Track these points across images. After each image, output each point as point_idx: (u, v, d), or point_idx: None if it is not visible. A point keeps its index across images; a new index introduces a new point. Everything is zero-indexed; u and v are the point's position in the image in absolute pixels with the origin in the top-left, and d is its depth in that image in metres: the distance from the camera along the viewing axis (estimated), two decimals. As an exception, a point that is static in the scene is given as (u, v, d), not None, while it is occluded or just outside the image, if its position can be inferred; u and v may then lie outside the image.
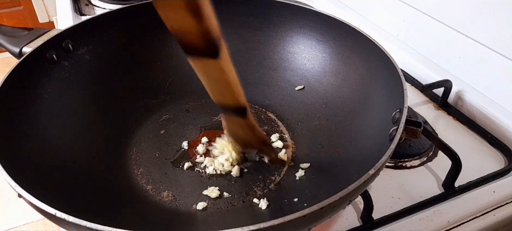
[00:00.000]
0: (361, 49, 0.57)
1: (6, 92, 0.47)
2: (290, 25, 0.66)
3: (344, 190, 0.33)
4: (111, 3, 1.00)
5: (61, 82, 0.55)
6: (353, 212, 0.51)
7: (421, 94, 0.74)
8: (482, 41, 0.67)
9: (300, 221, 0.31)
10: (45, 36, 0.56)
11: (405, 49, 0.83)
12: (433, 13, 0.76)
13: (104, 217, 0.41)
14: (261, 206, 0.49)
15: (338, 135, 0.56)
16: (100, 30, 0.61)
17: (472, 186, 0.54)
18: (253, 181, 0.53)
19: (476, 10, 0.68)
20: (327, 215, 0.36)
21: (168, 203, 0.50)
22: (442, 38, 0.75)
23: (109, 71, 0.62)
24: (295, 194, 0.50)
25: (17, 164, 0.41)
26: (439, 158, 0.60)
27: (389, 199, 0.53)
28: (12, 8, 2.29)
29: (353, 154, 0.51)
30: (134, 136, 0.59)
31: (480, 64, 0.69)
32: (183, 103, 0.65)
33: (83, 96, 0.58)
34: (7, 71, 0.48)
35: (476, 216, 0.50)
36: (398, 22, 0.85)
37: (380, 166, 0.36)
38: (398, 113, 0.44)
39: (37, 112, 0.50)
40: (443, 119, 0.69)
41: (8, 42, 0.57)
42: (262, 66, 0.68)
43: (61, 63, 0.56)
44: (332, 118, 0.59)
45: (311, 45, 0.64)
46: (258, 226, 0.30)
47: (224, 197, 0.51)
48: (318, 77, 0.63)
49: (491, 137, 0.64)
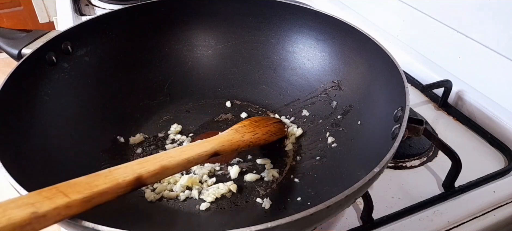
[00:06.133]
0: (360, 48, 0.57)
1: (6, 95, 0.46)
2: (289, 24, 0.66)
3: (350, 188, 0.33)
4: (111, 3, 1.00)
5: (61, 84, 0.55)
6: (353, 212, 0.51)
7: (421, 95, 0.74)
8: (482, 42, 0.67)
9: (307, 220, 0.31)
10: (44, 38, 0.56)
11: (405, 49, 0.82)
12: (433, 13, 0.76)
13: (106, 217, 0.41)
14: (264, 206, 0.49)
15: (339, 134, 0.56)
16: (99, 32, 0.61)
17: (472, 186, 0.54)
18: (256, 181, 0.53)
19: (476, 11, 0.67)
20: (333, 213, 0.35)
21: (171, 203, 0.50)
22: (442, 39, 0.75)
23: (108, 72, 0.62)
24: (298, 193, 0.50)
25: (18, 165, 0.41)
26: (439, 158, 0.60)
27: (389, 199, 0.53)
28: (12, 8, 2.29)
29: (355, 153, 0.51)
30: (135, 137, 0.59)
31: (480, 64, 0.69)
32: (183, 104, 0.65)
33: (83, 98, 0.58)
34: (7, 73, 0.48)
35: (476, 216, 0.50)
36: (398, 22, 0.85)
37: (384, 164, 0.36)
38: (400, 111, 0.44)
39: (37, 114, 0.50)
40: (443, 119, 0.69)
41: (7, 44, 0.57)
42: (262, 66, 0.68)
43: (61, 65, 0.56)
44: (332, 117, 0.59)
45: (310, 44, 0.65)
46: (265, 226, 0.30)
47: (227, 197, 0.51)
48: (318, 77, 0.63)
49: (491, 137, 0.64)
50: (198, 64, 0.69)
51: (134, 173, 0.38)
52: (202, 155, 0.45)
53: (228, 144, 0.49)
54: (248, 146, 0.52)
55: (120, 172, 0.37)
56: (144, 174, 0.38)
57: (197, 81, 0.68)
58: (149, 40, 0.66)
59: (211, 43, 0.69)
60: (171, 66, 0.67)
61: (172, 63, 0.67)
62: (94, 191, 0.34)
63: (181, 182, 0.51)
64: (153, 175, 0.39)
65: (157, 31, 0.66)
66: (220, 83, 0.68)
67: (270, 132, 0.56)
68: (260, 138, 0.54)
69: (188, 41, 0.68)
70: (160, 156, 0.42)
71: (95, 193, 0.34)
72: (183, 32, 0.68)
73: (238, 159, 0.56)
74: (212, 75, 0.68)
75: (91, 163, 0.52)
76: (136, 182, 0.38)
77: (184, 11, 0.67)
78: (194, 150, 0.45)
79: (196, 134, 0.61)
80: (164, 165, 0.40)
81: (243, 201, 0.50)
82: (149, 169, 0.39)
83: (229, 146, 0.49)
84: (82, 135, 0.55)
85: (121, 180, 0.36)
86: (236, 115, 0.64)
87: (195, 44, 0.69)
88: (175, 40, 0.68)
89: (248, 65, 0.68)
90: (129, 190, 0.37)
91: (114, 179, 0.36)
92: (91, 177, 0.35)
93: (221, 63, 0.69)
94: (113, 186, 0.35)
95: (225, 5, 0.68)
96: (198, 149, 0.45)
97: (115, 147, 0.57)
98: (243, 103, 0.66)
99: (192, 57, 0.69)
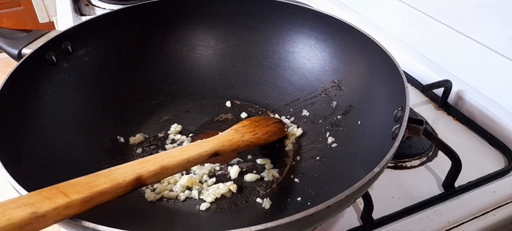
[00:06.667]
0: (361, 48, 0.57)
1: (6, 95, 0.46)
2: (289, 24, 0.66)
3: (350, 188, 0.33)
4: (111, 3, 1.00)
5: (61, 84, 0.55)
6: (353, 212, 0.51)
7: (421, 95, 0.74)
8: (482, 41, 0.67)
9: (307, 220, 0.31)
10: (44, 38, 0.56)
11: (405, 49, 0.82)
12: (433, 13, 0.76)
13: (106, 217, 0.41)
14: (264, 206, 0.49)
15: (339, 134, 0.56)
16: (99, 32, 0.61)
17: (472, 186, 0.54)
18: (256, 181, 0.53)
19: (476, 11, 0.68)
20: (333, 213, 0.35)
21: (171, 203, 0.50)
22: (442, 38, 0.75)
23: (108, 72, 0.62)
24: (298, 193, 0.50)
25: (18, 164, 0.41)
26: (439, 158, 0.60)
27: (389, 199, 0.53)
28: (12, 8, 2.29)
29: (355, 153, 0.51)
30: (135, 137, 0.59)
31: (480, 64, 0.69)
32: (183, 104, 0.65)
33: (83, 98, 0.58)
34: (7, 73, 0.48)
35: (476, 216, 0.50)
36: (398, 22, 0.85)
37: (385, 164, 0.36)
38: (400, 111, 0.44)
39: (37, 114, 0.50)
40: (443, 119, 0.69)
41: (7, 44, 0.57)
42: (262, 66, 0.68)
43: (61, 64, 0.56)
44: (332, 117, 0.59)
45: (310, 44, 0.65)
46: (265, 226, 0.30)
47: (227, 197, 0.51)
48: (318, 77, 0.63)
49: (491, 137, 0.64)
50: (198, 64, 0.69)
51: (134, 173, 0.38)
52: (202, 155, 0.45)
53: (228, 144, 0.49)
54: (248, 146, 0.52)
55: (120, 172, 0.37)
56: (144, 174, 0.38)
57: (197, 81, 0.68)
58: (149, 40, 0.66)
59: (211, 43, 0.69)
60: (171, 66, 0.67)
61: (172, 63, 0.67)
62: (94, 191, 0.34)
63: (181, 182, 0.51)
64: (153, 175, 0.39)
65: (157, 31, 0.66)
66: (220, 83, 0.68)
67: (270, 131, 0.56)
68: (260, 138, 0.54)
69: (188, 41, 0.68)
70: (160, 156, 0.42)
71: (95, 193, 0.34)
72: (183, 32, 0.68)
73: (238, 159, 0.56)
74: (212, 75, 0.68)
75: (91, 163, 0.52)
76: (136, 182, 0.38)
77: (184, 11, 0.67)
78: (194, 150, 0.45)
79: (196, 134, 0.61)
80: (164, 165, 0.40)
81: (243, 201, 0.50)
82: (149, 169, 0.39)
83: (229, 145, 0.49)
84: (82, 134, 0.55)
85: (121, 180, 0.36)
86: (236, 115, 0.64)
87: (195, 44, 0.69)
88: (175, 40, 0.68)
89: (248, 65, 0.68)
90: (129, 190, 0.37)
91: (114, 179, 0.36)
92: (91, 177, 0.35)
93: (221, 63, 0.69)
94: (113, 186, 0.36)
95: (225, 5, 0.68)
96: (198, 149, 0.45)
97: (115, 147, 0.57)
98: (243, 103, 0.66)
99: (192, 57, 0.69)
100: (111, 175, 0.36)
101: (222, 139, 0.49)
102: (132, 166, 0.39)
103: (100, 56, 0.61)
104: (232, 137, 0.51)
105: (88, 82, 0.59)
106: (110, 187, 0.35)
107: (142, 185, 0.39)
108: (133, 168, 0.38)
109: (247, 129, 0.54)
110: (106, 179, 0.36)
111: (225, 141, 0.49)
